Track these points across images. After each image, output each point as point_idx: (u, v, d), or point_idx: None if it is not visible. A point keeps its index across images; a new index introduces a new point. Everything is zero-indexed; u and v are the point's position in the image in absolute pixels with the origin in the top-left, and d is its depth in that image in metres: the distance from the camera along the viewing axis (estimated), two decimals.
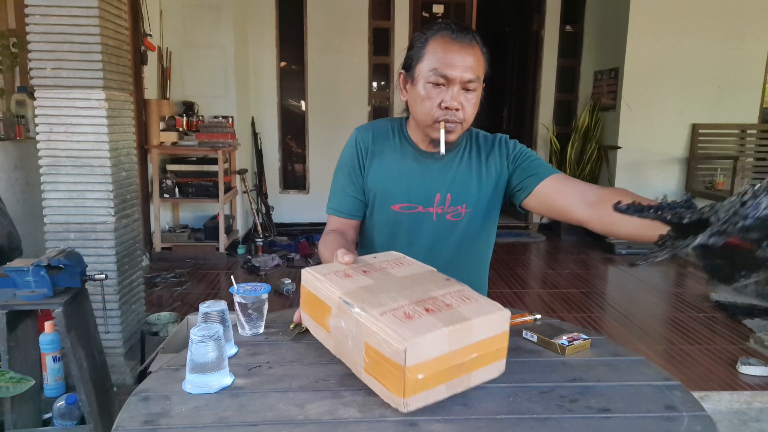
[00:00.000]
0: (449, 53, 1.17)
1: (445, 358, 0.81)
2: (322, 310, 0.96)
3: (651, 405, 0.86)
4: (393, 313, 0.84)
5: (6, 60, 2.99)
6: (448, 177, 1.32)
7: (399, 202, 1.33)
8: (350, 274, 0.99)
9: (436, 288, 0.94)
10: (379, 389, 0.84)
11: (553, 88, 5.50)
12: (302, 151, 5.51)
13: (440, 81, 1.18)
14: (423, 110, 1.22)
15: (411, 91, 1.25)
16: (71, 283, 1.66)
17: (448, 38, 1.18)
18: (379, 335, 0.81)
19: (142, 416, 0.82)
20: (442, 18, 5.42)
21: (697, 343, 2.86)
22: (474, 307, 0.88)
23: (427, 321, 0.82)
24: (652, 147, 4.83)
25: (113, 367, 2.25)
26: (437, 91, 1.19)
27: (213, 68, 4.59)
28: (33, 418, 1.72)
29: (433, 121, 1.22)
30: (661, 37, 4.66)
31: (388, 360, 0.79)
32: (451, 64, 1.17)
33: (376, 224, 1.37)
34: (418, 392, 0.80)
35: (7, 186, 2.73)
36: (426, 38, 1.21)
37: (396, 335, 0.78)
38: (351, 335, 0.88)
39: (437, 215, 1.32)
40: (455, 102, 1.18)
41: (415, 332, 0.78)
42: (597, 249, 4.93)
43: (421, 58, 1.21)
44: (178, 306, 3.26)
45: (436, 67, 1.18)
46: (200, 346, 0.88)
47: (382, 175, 1.33)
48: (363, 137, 1.35)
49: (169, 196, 4.26)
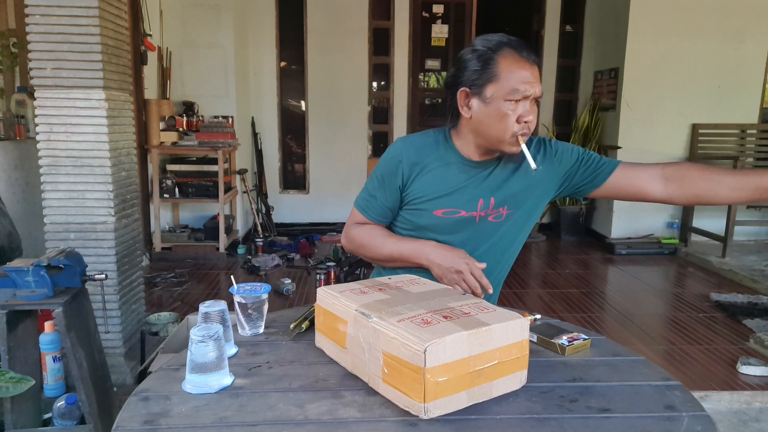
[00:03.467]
0: (524, 71, 1.23)
1: (465, 363, 0.81)
2: (338, 325, 0.96)
3: (651, 405, 0.86)
4: (411, 320, 0.85)
5: (6, 60, 2.99)
6: (493, 184, 1.36)
7: (442, 207, 1.36)
8: (366, 291, 1.00)
9: (452, 300, 0.96)
10: (399, 398, 0.83)
11: (553, 88, 5.50)
12: (302, 151, 5.51)
13: (519, 98, 1.24)
14: (500, 128, 1.26)
15: (481, 109, 1.28)
16: (71, 283, 1.66)
17: (516, 56, 1.24)
18: (397, 340, 0.81)
19: (142, 416, 0.82)
20: (442, 17, 5.42)
21: (697, 343, 2.86)
22: (492, 315, 0.89)
23: (446, 326, 0.83)
24: (652, 147, 4.83)
25: (113, 367, 2.25)
26: (514, 108, 1.25)
27: (213, 68, 4.59)
28: (33, 418, 1.72)
29: (512, 136, 1.26)
30: (661, 37, 4.66)
31: (408, 364, 0.79)
32: (528, 81, 1.23)
33: (417, 228, 1.39)
34: (438, 397, 0.79)
35: (7, 186, 2.73)
36: (491, 58, 1.25)
37: (415, 338, 0.79)
38: (368, 347, 0.88)
39: (480, 218, 1.36)
40: (532, 116, 1.26)
41: (434, 335, 0.79)
42: (597, 249, 4.93)
43: (493, 78, 1.25)
44: (178, 306, 3.26)
45: (516, 88, 1.23)
46: (200, 346, 0.88)
47: (427, 184, 1.36)
48: (407, 152, 1.38)
49: (169, 196, 4.26)
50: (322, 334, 1.02)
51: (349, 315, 0.93)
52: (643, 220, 4.94)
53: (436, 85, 5.84)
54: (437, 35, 5.44)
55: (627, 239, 4.88)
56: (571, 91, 5.52)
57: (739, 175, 1.26)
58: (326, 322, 1.00)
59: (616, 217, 4.94)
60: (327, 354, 1.01)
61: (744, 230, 4.69)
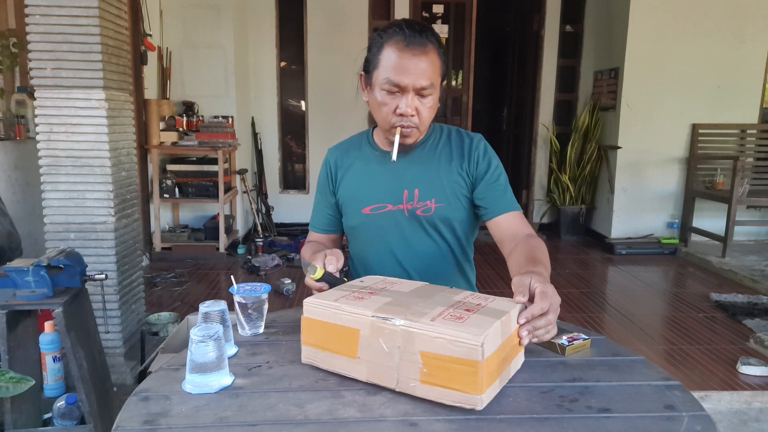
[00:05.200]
0: (402, 61, 1.18)
1: (500, 350, 0.85)
2: (344, 337, 0.90)
3: (651, 405, 0.86)
4: (441, 317, 0.86)
5: (6, 60, 2.99)
6: (414, 173, 1.34)
7: (369, 204, 1.36)
8: (362, 296, 0.95)
9: (451, 294, 0.98)
10: (446, 395, 0.82)
11: (553, 88, 5.50)
12: (302, 151, 5.51)
13: (394, 89, 1.21)
14: (380, 116, 1.26)
15: (370, 95, 1.28)
16: (71, 283, 1.66)
17: (401, 44, 1.19)
18: (442, 339, 0.81)
19: (142, 416, 0.81)
20: (442, 17, 5.42)
21: (697, 343, 2.86)
22: (497, 302, 0.95)
23: (477, 319, 0.85)
24: (652, 147, 4.83)
25: (113, 367, 2.25)
26: (392, 97, 1.22)
27: (213, 68, 4.59)
28: (33, 418, 1.72)
29: (390, 126, 1.25)
30: (661, 37, 4.66)
31: (459, 360, 0.80)
32: (404, 72, 1.19)
33: (352, 230, 1.42)
34: (487, 387, 0.82)
35: (7, 186, 2.73)
36: (381, 43, 1.22)
37: (466, 334, 0.80)
38: (398, 351, 0.85)
39: (408, 211, 1.35)
40: (410, 109, 1.21)
41: (480, 327, 0.82)
42: (597, 249, 4.93)
43: (377, 64, 1.23)
44: (178, 306, 3.26)
45: (389, 76, 1.20)
46: (200, 346, 0.88)
47: (351, 184, 1.39)
48: (332, 156, 1.43)
49: (169, 196, 4.26)
50: (315, 347, 0.95)
51: (362, 322, 0.88)
52: (643, 220, 4.94)
53: None
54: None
55: (627, 239, 4.88)
56: (571, 91, 5.52)
57: (518, 262, 1.17)
58: (322, 334, 0.93)
59: (616, 217, 4.94)
60: (321, 367, 0.95)
61: (744, 230, 4.70)
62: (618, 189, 4.91)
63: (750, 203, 4.43)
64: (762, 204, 4.52)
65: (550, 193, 5.42)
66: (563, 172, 5.24)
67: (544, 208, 5.60)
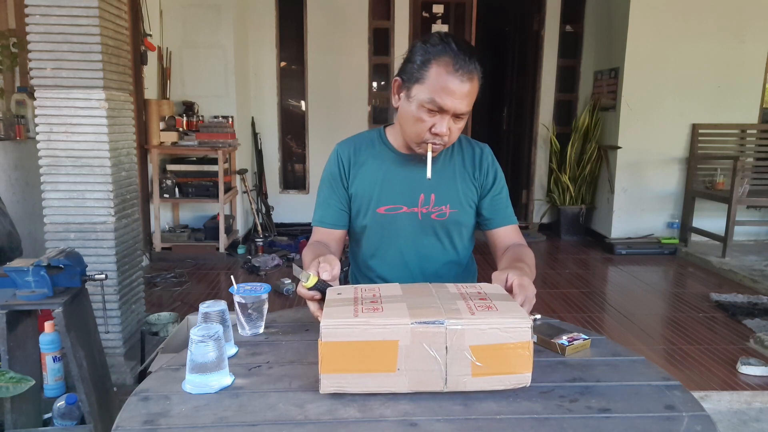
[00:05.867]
0: (449, 85, 1.19)
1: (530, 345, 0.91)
2: (380, 351, 0.86)
3: (651, 405, 0.86)
4: (479, 310, 0.90)
5: (6, 60, 2.99)
6: (432, 179, 1.34)
7: (384, 204, 1.37)
8: (376, 307, 0.91)
9: (442, 289, 1.02)
10: (502, 381, 0.88)
11: (553, 88, 5.50)
12: (302, 151, 5.51)
13: (435, 110, 1.22)
14: (413, 129, 1.27)
15: (404, 104, 1.28)
16: (71, 283, 1.66)
17: (450, 67, 1.19)
18: (495, 329, 0.86)
19: (142, 416, 0.82)
20: (442, 17, 5.42)
21: (697, 343, 2.86)
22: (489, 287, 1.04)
23: (502, 305, 0.92)
24: (652, 147, 4.83)
25: (113, 367, 2.25)
26: (430, 116, 1.23)
27: (213, 68, 4.59)
28: (33, 418, 1.72)
29: (421, 141, 1.27)
30: (661, 37, 4.65)
31: (512, 345, 0.86)
32: (450, 96, 1.20)
33: (362, 229, 1.42)
34: None
35: (7, 186, 2.73)
36: (428, 59, 1.21)
37: (514, 320, 0.87)
38: (448, 351, 0.85)
39: (422, 215, 1.37)
40: (446, 130, 1.23)
41: (516, 311, 0.90)
42: (597, 249, 4.93)
43: (421, 80, 1.22)
44: (178, 306, 3.26)
45: (434, 97, 1.20)
46: (200, 346, 0.88)
47: (366, 181, 1.38)
48: (344, 151, 1.41)
49: (169, 196, 4.26)
50: (341, 372, 0.86)
51: (401, 332, 0.85)
52: (643, 220, 4.94)
53: None
54: None
55: (627, 239, 4.88)
56: (571, 91, 5.52)
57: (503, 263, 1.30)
58: (350, 356, 0.86)
59: (616, 217, 4.94)
60: (352, 392, 0.87)
61: (744, 230, 4.70)
62: (618, 189, 4.91)
63: (750, 203, 4.43)
64: (762, 204, 4.52)
65: (550, 193, 5.42)
66: (563, 172, 5.24)
67: (544, 208, 5.60)
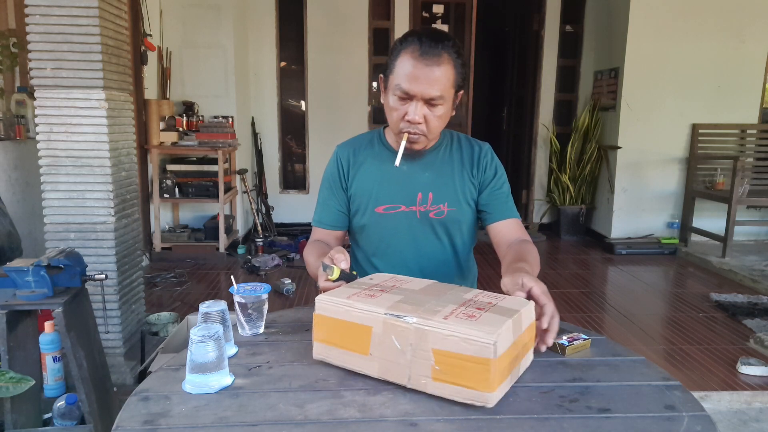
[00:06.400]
0: (414, 70, 1.21)
1: (512, 349, 0.86)
2: (357, 333, 0.92)
3: (651, 405, 0.86)
4: (454, 315, 0.87)
5: (6, 60, 2.99)
6: (428, 177, 1.38)
7: (382, 204, 1.38)
8: (373, 294, 0.96)
9: (462, 293, 0.99)
10: (456, 392, 0.84)
11: (553, 88, 5.50)
12: (302, 151, 5.51)
13: (404, 96, 1.23)
14: (391, 119, 1.30)
15: (385, 97, 1.31)
16: (71, 283, 1.66)
17: (416, 53, 1.21)
18: (455, 337, 0.82)
19: (142, 416, 0.82)
20: (442, 17, 5.42)
21: (697, 343, 2.86)
22: (510, 301, 0.95)
23: (489, 317, 0.86)
24: (652, 147, 4.83)
25: (113, 367, 2.25)
26: (402, 103, 1.25)
27: (213, 68, 4.59)
28: (33, 418, 1.72)
29: (399, 130, 1.28)
30: (661, 37, 4.65)
31: (471, 358, 0.81)
32: (415, 81, 1.21)
33: (361, 229, 1.43)
34: (498, 384, 0.83)
35: (7, 186, 2.73)
36: (399, 50, 1.25)
37: (478, 332, 0.81)
38: (410, 348, 0.87)
39: (420, 213, 1.38)
40: (417, 116, 1.24)
41: (492, 326, 0.83)
42: (597, 249, 4.93)
43: (393, 69, 1.25)
44: (178, 306, 3.26)
45: (400, 83, 1.22)
46: (200, 346, 0.88)
47: (364, 181, 1.40)
48: (343, 153, 1.43)
49: (169, 196, 4.26)
50: (326, 344, 0.96)
51: (375, 320, 0.89)
52: (643, 220, 4.94)
53: None
54: None
55: (627, 239, 4.88)
56: (571, 91, 5.52)
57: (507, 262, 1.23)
58: (334, 331, 0.95)
59: (616, 217, 4.94)
60: (334, 363, 0.96)
61: (744, 230, 4.69)
62: (618, 189, 4.91)
63: (750, 203, 4.43)
64: (762, 204, 4.52)
65: (550, 193, 5.42)
66: (563, 172, 5.24)
67: (544, 208, 5.60)
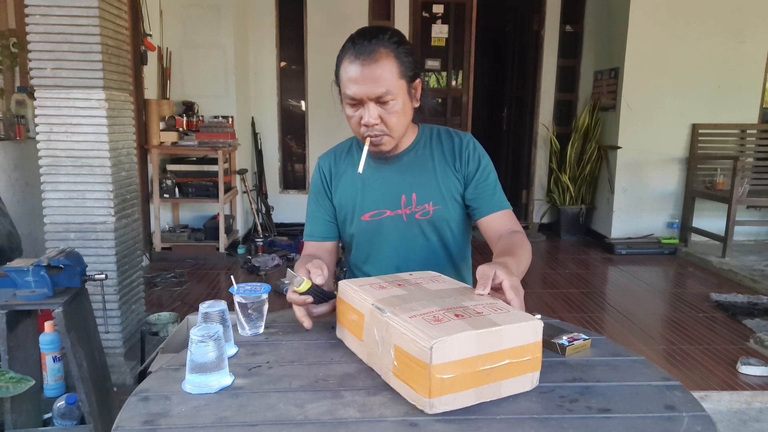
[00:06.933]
0: (353, 74, 1.19)
1: (473, 362, 0.81)
2: (357, 320, 0.99)
3: (651, 405, 0.86)
4: (423, 316, 0.86)
5: (6, 60, 2.99)
6: (409, 178, 1.34)
7: (368, 211, 1.36)
8: (385, 286, 1.02)
9: (468, 300, 0.95)
10: (407, 392, 0.84)
11: (553, 88, 5.50)
12: (302, 151, 5.51)
13: (353, 102, 1.22)
14: (351, 127, 1.28)
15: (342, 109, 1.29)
16: (71, 283, 1.66)
17: (352, 56, 1.19)
18: (407, 336, 0.82)
19: (142, 416, 0.82)
20: (442, 17, 5.42)
21: (697, 343, 2.86)
22: (505, 315, 0.88)
23: (455, 324, 0.83)
24: (652, 147, 4.83)
25: (113, 367, 2.25)
26: (355, 109, 1.24)
27: (213, 68, 4.59)
28: (33, 418, 1.72)
29: (361, 137, 1.27)
30: (661, 37, 4.65)
31: (416, 360, 0.80)
32: (356, 84, 1.19)
33: (350, 238, 1.42)
34: (444, 393, 0.80)
35: (7, 186, 2.73)
36: (339, 59, 1.23)
37: (423, 335, 0.80)
38: (381, 340, 0.90)
39: (407, 216, 1.35)
40: (372, 119, 1.22)
41: (443, 332, 0.80)
42: (597, 249, 4.93)
43: (338, 79, 1.24)
44: (178, 306, 3.26)
45: (345, 91, 1.21)
46: (200, 346, 0.88)
47: (347, 190, 1.38)
48: (324, 163, 1.43)
49: (169, 196, 4.26)
50: (343, 326, 1.06)
51: (365, 308, 0.95)
52: (643, 220, 4.94)
53: (436, 85, 5.84)
54: (437, 35, 5.44)
55: (627, 239, 4.88)
56: (571, 91, 5.52)
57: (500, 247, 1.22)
58: (346, 314, 1.03)
59: (616, 217, 4.94)
60: (346, 345, 1.05)
61: (744, 230, 4.69)
62: (618, 189, 4.91)
63: (750, 203, 4.43)
64: (762, 204, 4.52)
65: (550, 193, 5.42)
66: (563, 172, 5.24)
67: (544, 208, 5.60)
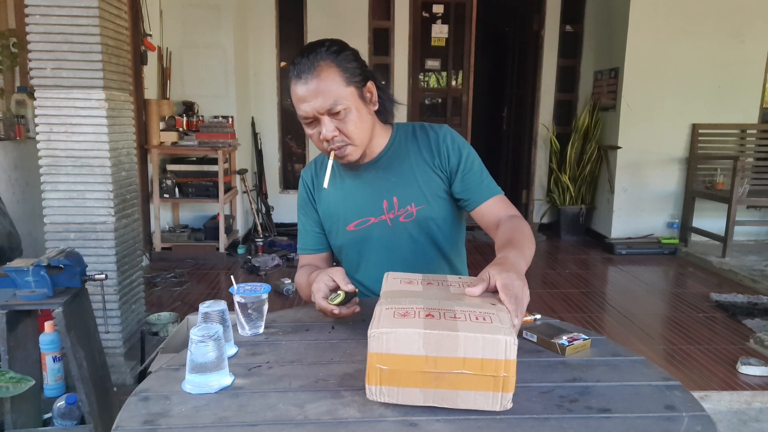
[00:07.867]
0: (298, 93, 1.18)
1: (418, 361, 0.80)
2: None
3: (651, 405, 0.86)
4: (397, 309, 0.86)
5: (6, 60, 2.99)
6: (388, 181, 1.33)
7: (352, 220, 1.35)
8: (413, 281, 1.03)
9: (468, 306, 0.88)
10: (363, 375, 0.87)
11: (553, 88, 5.50)
12: (302, 151, 5.51)
13: (307, 120, 1.21)
14: (315, 145, 1.28)
15: None
16: (71, 283, 1.66)
17: (295, 78, 1.19)
18: (372, 324, 0.84)
19: (142, 416, 0.82)
20: (442, 17, 5.42)
21: (697, 343, 2.86)
22: (478, 325, 0.81)
23: (414, 321, 0.83)
24: (652, 147, 4.83)
25: (113, 367, 2.25)
26: (312, 127, 1.23)
27: (213, 68, 4.59)
28: (33, 418, 1.72)
29: (326, 152, 1.26)
30: (661, 37, 4.66)
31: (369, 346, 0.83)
32: (303, 102, 1.18)
33: (339, 249, 1.42)
34: (383, 384, 0.82)
35: (7, 186, 2.73)
36: (288, 82, 1.23)
37: (376, 324, 0.82)
38: None
39: (391, 221, 1.33)
40: (329, 133, 1.21)
41: (389, 325, 0.81)
42: (597, 249, 4.93)
43: (293, 102, 1.23)
44: (178, 306, 3.26)
45: (298, 111, 1.21)
46: (200, 346, 0.88)
47: (330, 202, 1.38)
48: (307, 175, 1.43)
49: (169, 196, 4.26)
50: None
51: None
52: (643, 220, 4.94)
53: (436, 85, 5.84)
54: (437, 35, 5.44)
55: (627, 239, 4.88)
56: (571, 91, 5.52)
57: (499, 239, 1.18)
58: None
59: (616, 217, 4.94)
60: None
61: (744, 230, 4.70)
62: (618, 189, 4.91)
63: (750, 203, 4.43)
64: (762, 204, 4.53)
65: (550, 193, 5.43)
66: (563, 172, 5.24)
67: (544, 208, 5.60)
